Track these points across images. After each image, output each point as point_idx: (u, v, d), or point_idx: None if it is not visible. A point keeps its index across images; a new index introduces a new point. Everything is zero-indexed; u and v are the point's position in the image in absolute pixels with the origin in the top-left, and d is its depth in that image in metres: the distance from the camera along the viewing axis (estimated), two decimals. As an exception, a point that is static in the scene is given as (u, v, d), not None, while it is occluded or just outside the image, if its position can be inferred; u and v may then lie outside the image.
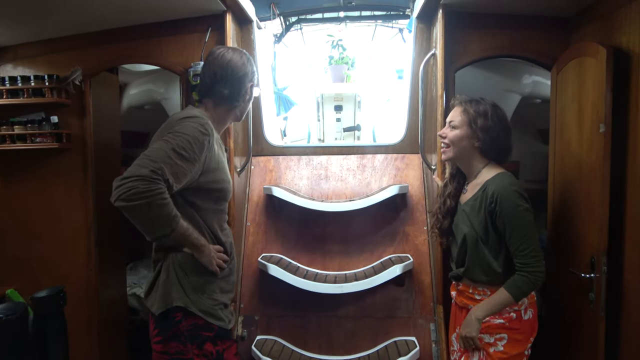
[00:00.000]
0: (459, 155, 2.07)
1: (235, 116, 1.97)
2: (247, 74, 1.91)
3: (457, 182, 2.20)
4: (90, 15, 2.65)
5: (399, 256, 2.88)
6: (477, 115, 2.01)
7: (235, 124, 2.87)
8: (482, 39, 2.74)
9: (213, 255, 1.82)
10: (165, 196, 1.58)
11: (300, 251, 3.00)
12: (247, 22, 3.06)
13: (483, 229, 1.98)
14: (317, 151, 3.28)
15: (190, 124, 1.72)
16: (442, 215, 2.20)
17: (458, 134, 2.04)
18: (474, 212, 2.01)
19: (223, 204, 1.91)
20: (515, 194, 1.92)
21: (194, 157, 1.68)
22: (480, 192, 2.00)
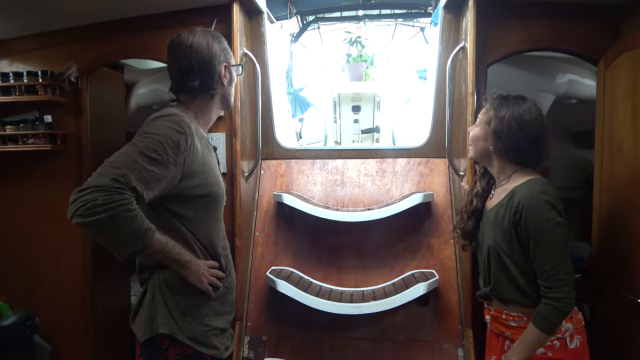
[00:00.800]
0: (477, 155, 1.90)
1: (219, 105, 1.74)
2: (216, 56, 1.65)
3: (487, 182, 1.97)
4: (87, 6, 2.44)
5: (423, 272, 2.59)
6: (494, 117, 1.81)
7: (243, 125, 2.62)
8: (518, 30, 2.45)
9: (203, 272, 1.58)
10: (132, 207, 1.35)
11: (313, 264, 2.73)
12: (257, 14, 2.81)
13: (507, 242, 1.74)
14: (332, 154, 3.01)
15: (161, 123, 1.50)
16: (467, 214, 1.98)
17: (475, 133, 1.89)
18: (498, 221, 1.78)
19: (215, 211, 1.67)
20: (545, 204, 1.66)
21: (168, 159, 1.45)
22: (506, 200, 1.76)
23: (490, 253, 1.80)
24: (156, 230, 1.44)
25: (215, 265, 1.64)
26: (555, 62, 3.45)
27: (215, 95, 1.69)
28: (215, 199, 1.64)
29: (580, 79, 3.59)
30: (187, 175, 1.52)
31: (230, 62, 1.71)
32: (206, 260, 1.62)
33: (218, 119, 2.56)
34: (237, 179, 2.53)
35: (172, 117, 1.54)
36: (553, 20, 2.41)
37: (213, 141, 2.56)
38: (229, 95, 1.73)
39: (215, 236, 1.67)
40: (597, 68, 2.39)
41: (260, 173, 2.97)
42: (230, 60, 1.71)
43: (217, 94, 1.69)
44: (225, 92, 1.72)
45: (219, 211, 1.70)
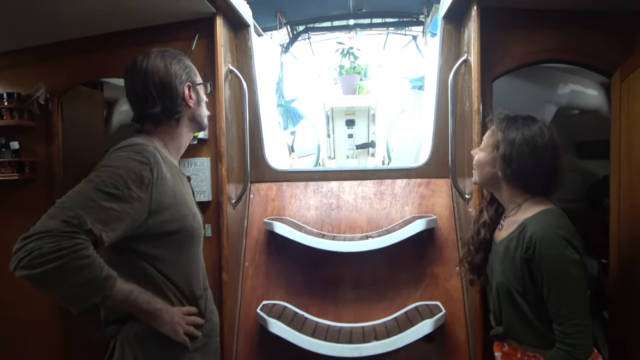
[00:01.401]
0: (483, 182, 1.73)
1: (190, 128, 1.57)
2: (177, 76, 1.48)
3: (495, 210, 1.78)
4: (57, 22, 2.22)
5: (427, 305, 2.38)
6: (502, 141, 1.63)
7: (230, 148, 2.41)
8: (525, 40, 2.26)
9: (178, 321, 1.38)
10: (87, 253, 1.18)
11: (308, 297, 2.51)
12: (242, 27, 2.61)
13: (520, 280, 1.55)
14: (326, 176, 2.80)
15: (121, 154, 1.34)
16: (474, 246, 1.78)
17: (481, 158, 1.71)
18: (508, 256, 1.59)
19: (192, 247, 1.48)
20: (560, 240, 1.48)
21: (130, 194, 1.28)
22: (517, 233, 1.58)
23: (500, 291, 1.62)
24: (119, 277, 1.25)
25: (193, 311, 1.45)
26: (556, 72, 3.31)
27: (182, 119, 1.51)
28: (191, 234, 1.46)
29: (583, 89, 3.46)
30: (155, 210, 1.34)
31: (196, 81, 1.55)
32: (182, 307, 1.42)
33: (201, 142, 2.35)
34: (224, 207, 2.32)
35: (133, 146, 1.36)
36: (563, 30, 2.23)
37: (196, 167, 2.35)
38: (199, 116, 1.57)
39: (193, 277, 1.47)
40: (611, 81, 2.21)
41: (250, 197, 2.75)
42: (195, 79, 1.55)
43: (183, 117, 1.52)
44: (194, 113, 1.55)
45: (196, 247, 1.51)
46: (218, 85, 2.30)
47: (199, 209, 1.58)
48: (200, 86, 1.58)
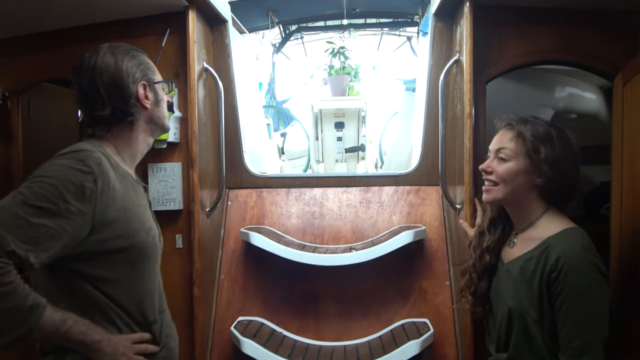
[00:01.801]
0: (511, 196, 1.50)
1: (148, 132, 1.42)
2: (129, 74, 1.33)
3: (502, 230, 1.59)
4: (16, 15, 2.04)
5: (414, 322, 2.22)
6: (538, 141, 1.45)
7: (204, 152, 2.24)
8: (521, 40, 2.10)
9: (123, 351, 1.22)
10: (7, 279, 1.03)
11: (288, 313, 2.34)
12: (219, 22, 2.44)
13: (536, 304, 1.38)
14: (310, 182, 2.63)
15: (59, 162, 1.18)
16: (477, 274, 1.59)
17: (512, 168, 1.47)
18: (524, 278, 1.42)
19: (145, 266, 1.33)
20: (592, 266, 1.33)
21: (67, 207, 1.13)
22: (538, 252, 1.41)
23: (513, 317, 1.44)
24: (51, 305, 1.10)
25: (145, 337, 1.29)
26: (553, 74, 3.17)
27: (137, 121, 1.36)
28: (142, 251, 1.30)
29: (581, 92, 3.34)
30: (99, 225, 1.19)
31: (153, 79, 1.40)
32: (130, 334, 1.26)
33: (172, 146, 2.18)
34: (196, 216, 2.15)
35: (75, 153, 1.20)
36: (560, 30, 2.07)
37: (166, 172, 2.18)
38: (158, 117, 1.42)
39: (145, 299, 1.32)
40: (613, 84, 2.06)
41: (227, 205, 2.58)
42: (152, 76, 1.40)
43: (138, 120, 1.37)
44: (152, 115, 1.40)
45: (150, 266, 1.35)
46: (190, 84, 2.13)
47: (156, 222, 1.43)
48: (159, 85, 1.42)
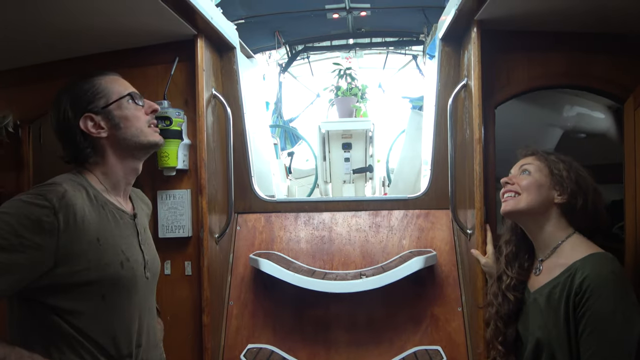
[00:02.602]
0: (532, 209, 1.47)
1: (124, 155, 1.36)
2: (65, 112, 1.31)
3: (519, 264, 1.56)
4: (28, 45, 2.07)
5: (427, 350, 2.18)
6: (560, 162, 1.50)
7: (213, 179, 2.24)
8: (530, 65, 2.09)
9: None
10: None
11: (298, 341, 2.31)
12: (227, 49, 2.46)
13: (563, 332, 1.33)
14: (318, 207, 2.62)
15: (19, 199, 1.17)
16: (502, 321, 1.54)
17: (536, 179, 1.49)
18: (551, 306, 1.38)
19: (119, 299, 1.29)
20: (620, 292, 1.29)
21: (21, 242, 1.12)
22: (564, 278, 1.37)
23: (543, 350, 1.38)
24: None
25: None
26: (562, 94, 3.15)
27: (101, 152, 1.33)
28: (115, 283, 1.27)
29: (589, 111, 3.31)
30: (65, 258, 1.18)
31: (100, 105, 1.32)
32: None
33: (181, 173, 2.19)
34: (205, 243, 2.14)
35: (40, 187, 1.21)
36: (571, 53, 2.07)
37: (175, 199, 2.18)
38: (125, 139, 1.34)
39: (119, 332, 1.28)
40: (624, 108, 2.04)
41: (236, 230, 2.57)
42: (97, 102, 1.32)
43: (103, 150, 1.33)
44: (116, 140, 1.33)
45: (126, 299, 1.31)
46: (199, 111, 2.14)
47: (147, 250, 1.39)
48: (114, 105, 1.33)
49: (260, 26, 5.33)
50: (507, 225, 1.65)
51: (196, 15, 1.96)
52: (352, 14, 5.08)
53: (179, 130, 2.10)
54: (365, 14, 5.09)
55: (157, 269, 1.48)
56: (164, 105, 2.09)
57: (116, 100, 1.35)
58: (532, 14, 1.92)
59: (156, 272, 1.47)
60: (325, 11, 5.08)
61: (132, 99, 1.38)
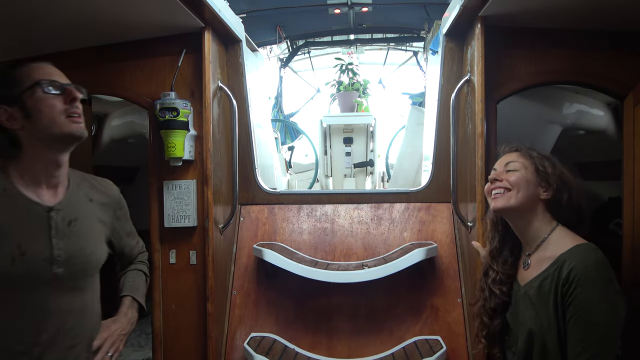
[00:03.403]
0: (520, 204, 1.50)
1: (39, 146, 1.31)
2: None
3: (505, 260, 1.60)
4: (39, 36, 2.09)
5: (427, 340, 2.22)
6: (543, 159, 1.53)
7: (218, 170, 2.27)
8: (532, 61, 2.13)
9: None
10: None
11: (300, 329, 2.35)
12: (233, 42, 2.49)
13: (553, 323, 1.37)
14: (321, 199, 2.65)
15: None
16: (488, 315, 1.59)
17: (524, 175, 1.51)
18: (542, 298, 1.42)
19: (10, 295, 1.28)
20: (605, 282, 1.33)
21: None
22: (552, 270, 1.41)
23: (534, 340, 1.42)
24: None
25: None
26: (561, 91, 3.19)
27: (15, 147, 1.32)
28: (2, 279, 1.25)
29: (589, 109, 3.35)
30: None
31: (11, 94, 1.28)
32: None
33: (187, 164, 2.21)
34: (210, 233, 2.17)
35: None
36: (572, 51, 2.10)
37: (181, 189, 2.21)
38: (39, 130, 1.29)
39: (9, 329, 1.26)
40: (623, 105, 2.08)
41: (240, 221, 2.60)
42: (9, 92, 1.28)
43: (16, 145, 1.31)
44: (32, 131, 1.29)
45: (19, 294, 1.28)
46: (205, 103, 2.17)
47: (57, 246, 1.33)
48: (32, 93, 1.28)
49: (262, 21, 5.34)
50: (490, 221, 1.67)
51: (204, 7, 1.99)
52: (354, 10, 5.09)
53: (186, 122, 2.13)
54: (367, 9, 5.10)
55: (84, 265, 1.40)
56: (171, 96, 2.12)
57: (26, 90, 1.28)
58: (535, 11, 1.95)
59: (82, 267, 1.39)
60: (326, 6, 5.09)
61: (42, 88, 1.29)
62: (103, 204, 1.53)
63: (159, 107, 2.09)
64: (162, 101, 2.10)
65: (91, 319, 1.44)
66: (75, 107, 1.34)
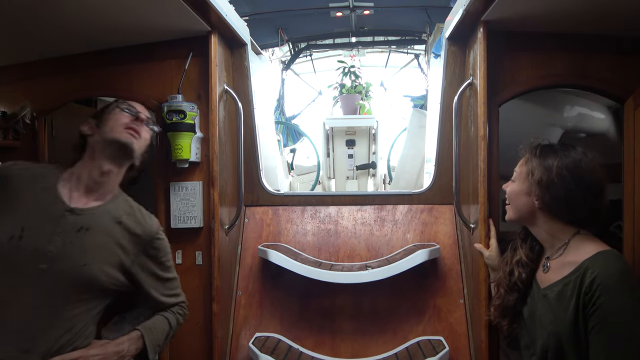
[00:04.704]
0: (518, 215, 1.58)
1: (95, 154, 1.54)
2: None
3: (531, 248, 1.63)
4: (46, 39, 2.13)
5: (429, 340, 2.25)
6: (537, 166, 1.52)
7: (223, 171, 2.30)
8: (534, 64, 2.16)
9: None
10: None
11: (304, 329, 2.38)
12: (239, 45, 2.52)
13: (572, 329, 1.38)
14: (325, 201, 2.68)
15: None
16: (504, 288, 1.64)
17: (514, 188, 1.58)
18: (562, 304, 1.42)
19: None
20: (628, 289, 1.33)
21: None
22: (575, 277, 1.41)
23: (550, 344, 1.44)
24: None
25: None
26: (562, 94, 3.22)
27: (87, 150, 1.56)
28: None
29: (590, 112, 3.37)
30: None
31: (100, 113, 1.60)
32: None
33: (193, 165, 2.24)
34: (216, 234, 2.20)
35: None
36: (573, 54, 2.13)
37: (187, 191, 2.24)
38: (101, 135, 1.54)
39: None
40: (624, 108, 2.11)
41: (244, 222, 2.63)
42: (99, 113, 1.61)
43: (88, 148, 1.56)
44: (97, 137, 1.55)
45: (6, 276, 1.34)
46: (212, 106, 2.20)
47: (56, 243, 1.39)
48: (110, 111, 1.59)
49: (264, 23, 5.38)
50: None
51: (211, 11, 2.02)
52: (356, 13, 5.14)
53: (193, 124, 2.16)
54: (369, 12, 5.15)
55: (72, 274, 1.41)
56: (178, 99, 2.15)
57: (108, 107, 1.62)
58: (537, 15, 1.98)
59: (68, 275, 1.40)
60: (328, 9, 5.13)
61: (119, 107, 1.60)
62: (132, 232, 1.56)
63: (166, 110, 2.12)
64: (169, 104, 2.13)
65: (61, 336, 1.38)
66: (137, 124, 1.57)
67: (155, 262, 1.62)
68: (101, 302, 1.50)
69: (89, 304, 1.45)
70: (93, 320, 1.48)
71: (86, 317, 1.44)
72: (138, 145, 1.56)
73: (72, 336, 1.40)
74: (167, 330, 1.66)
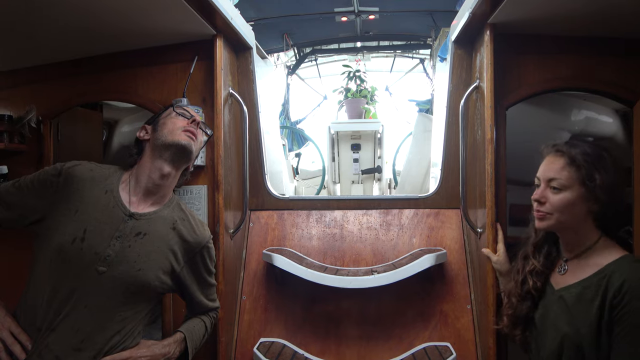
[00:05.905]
0: (564, 225, 1.48)
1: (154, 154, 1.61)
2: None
3: (545, 256, 1.59)
4: (51, 43, 2.13)
5: (436, 346, 2.22)
6: (592, 167, 1.44)
7: (228, 175, 2.29)
8: (542, 67, 2.14)
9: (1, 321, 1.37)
10: None
11: (309, 334, 2.36)
12: (244, 49, 2.51)
13: (594, 332, 1.35)
14: (330, 205, 2.67)
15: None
16: (517, 298, 1.60)
17: (568, 198, 1.44)
18: (583, 305, 1.40)
19: (58, 272, 1.39)
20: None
21: (27, 185, 1.51)
22: (597, 279, 1.39)
23: (565, 345, 1.41)
24: None
25: (21, 337, 1.35)
26: (569, 98, 3.19)
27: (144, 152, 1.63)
28: (59, 251, 1.38)
29: (597, 115, 3.34)
30: (48, 214, 1.45)
31: (156, 118, 1.70)
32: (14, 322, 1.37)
33: (198, 169, 2.23)
34: (220, 238, 2.18)
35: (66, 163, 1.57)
36: (581, 57, 2.11)
37: (192, 194, 2.23)
38: (158, 138, 1.60)
39: (37, 302, 1.39)
40: (633, 111, 2.08)
41: (249, 226, 2.62)
42: (155, 117, 1.71)
43: (144, 150, 1.63)
44: (152, 141, 1.62)
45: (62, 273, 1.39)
46: (217, 109, 2.19)
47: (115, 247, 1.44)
48: (166, 115, 1.67)
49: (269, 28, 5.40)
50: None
51: (217, 15, 2.01)
52: (361, 17, 5.14)
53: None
54: (374, 17, 5.15)
55: (128, 277, 1.45)
56: (183, 102, 2.14)
57: (164, 111, 1.72)
58: (544, 18, 1.96)
59: (125, 278, 1.44)
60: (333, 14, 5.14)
61: (175, 110, 1.68)
62: (184, 239, 1.61)
63: (171, 113, 2.11)
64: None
65: (112, 337, 1.43)
66: (192, 127, 1.63)
67: (204, 267, 1.69)
68: (150, 304, 1.56)
69: (139, 306, 1.51)
70: (141, 322, 1.54)
71: (135, 318, 1.50)
72: (195, 148, 1.64)
73: (122, 337, 1.46)
74: (204, 333, 1.75)
